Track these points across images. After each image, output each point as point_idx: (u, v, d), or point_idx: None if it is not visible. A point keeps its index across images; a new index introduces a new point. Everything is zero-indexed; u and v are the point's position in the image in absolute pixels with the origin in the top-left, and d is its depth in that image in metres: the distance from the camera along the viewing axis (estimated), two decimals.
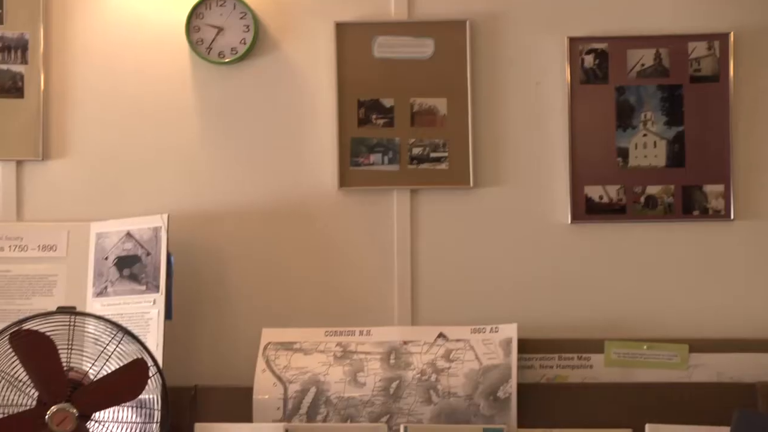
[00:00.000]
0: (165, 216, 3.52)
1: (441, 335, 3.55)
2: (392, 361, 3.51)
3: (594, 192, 3.70)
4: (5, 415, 2.73)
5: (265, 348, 3.56)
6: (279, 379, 3.50)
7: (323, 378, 3.50)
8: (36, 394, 2.75)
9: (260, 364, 3.54)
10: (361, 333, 3.58)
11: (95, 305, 3.49)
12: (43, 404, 2.73)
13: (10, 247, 3.60)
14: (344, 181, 3.72)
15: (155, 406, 2.89)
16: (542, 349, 3.59)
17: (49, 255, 3.60)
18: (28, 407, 2.75)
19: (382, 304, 3.72)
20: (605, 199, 3.70)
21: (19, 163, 3.71)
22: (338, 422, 3.44)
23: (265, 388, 3.50)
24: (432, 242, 3.74)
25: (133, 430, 2.87)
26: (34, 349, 2.71)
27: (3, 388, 2.76)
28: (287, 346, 3.56)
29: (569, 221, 3.71)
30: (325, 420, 3.45)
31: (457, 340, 3.53)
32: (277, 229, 3.73)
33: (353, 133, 3.73)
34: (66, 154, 3.73)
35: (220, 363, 3.67)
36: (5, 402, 2.76)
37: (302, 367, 3.52)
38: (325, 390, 3.48)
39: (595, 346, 3.58)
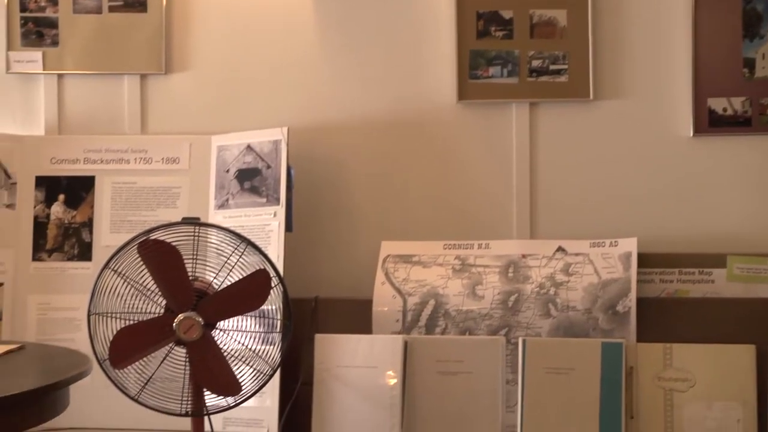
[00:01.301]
0: (285, 129, 3.55)
1: (560, 249, 3.53)
2: (511, 275, 3.51)
3: (718, 104, 3.63)
4: (135, 322, 2.80)
5: (384, 260, 3.59)
6: (398, 291, 3.53)
7: (442, 291, 3.51)
8: (164, 302, 2.81)
9: (379, 276, 3.57)
10: (479, 246, 3.58)
11: (217, 217, 3.54)
12: (170, 312, 2.79)
13: (135, 159, 3.67)
14: (463, 94, 3.70)
15: (277, 316, 2.92)
16: (662, 263, 3.55)
17: (172, 167, 3.66)
18: (156, 315, 2.82)
19: (500, 218, 3.71)
20: (729, 111, 3.63)
21: (143, 76, 3.76)
22: (457, 335, 3.46)
23: (384, 301, 3.53)
24: (551, 155, 3.71)
25: (256, 339, 2.92)
26: (162, 258, 2.76)
27: (132, 296, 2.83)
28: (406, 259, 3.58)
29: (691, 134, 3.64)
30: (443, 332, 3.47)
31: (576, 254, 3.51)
32: (395, 141, 3.73)
33: (472, 46, 3.70)
34: (188, 68, 3.77)
35: (340, 275, 3.71)
36: (135, 309, 2.83)
37: (421, 279, 3.54)
38: (443, 303, 3.50)
39: (717, 260, 3.53)
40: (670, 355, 3.30)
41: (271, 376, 2.88)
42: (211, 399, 2.87)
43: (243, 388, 2.83)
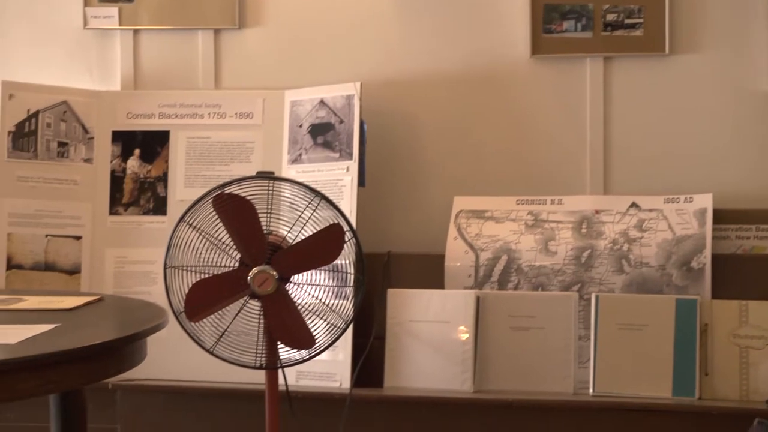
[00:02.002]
0: (358, 84, 3.54)
1: (633, 205, 3.51)
2: (584, 230, 3.49)
3: None
4: (210, 275, 2.83)
5: (456, 216, 3.59)
6: (470, 246, 3.53)
7: (514, 246, 3.50)
8: (238, 256, 2.83)
9: (452, 231, 3.57)
10: (552, 202, 3.56)
11: (290, 172, 3.56)
12: (245, 266, 2.81)
13: (209, 114, 3.69)
14: (536, 48, 3.67)
15: (349, 271, 2.93)
16: (738, 219, 3.51)
17: (246, 122, 3.68)
18: (231, 268, 2.84)
19: (574, 173, 3.69)
20: None
21: (217, 31, 3.78)
22: (529, 290, 3.46)
23: (456, 256, 3.53)
24: (625, 110, 3.67)
25: (329, 293, 2.93)
26: (236, 212, 2.78)
27: (207, 249, 2.85)
28: (479, 215, 3.57)
29: None
30: (516, 288, 3.46)
31: (650, 210, 3.48)
32: (468, 96, 3.72)
33: (546, 0, 3.66)
34: (262, 23, 3.78)
35: (412, 230, 3.72)
36: (210, 263, 2.85)
37: (493, 235, 3.53)
38: (516, 258, 3.49)
39: None
40: (746, 312, 3.27)
41: (345, 329, 2.89)
42: (284, 352, 2.89)
43: (317, 341, 2.84)
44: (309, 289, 2.90)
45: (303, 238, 2.84)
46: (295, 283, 2.87)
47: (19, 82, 3.65)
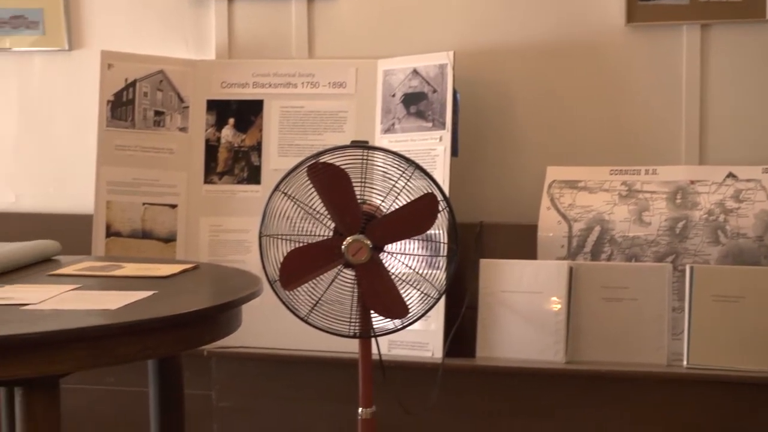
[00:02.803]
0: (451, 53, 3.53)
1: (730, 175, 3.45)
2: (678, 201, 3.45)
3: None
4: (305, 244, 2.84)
5: (549, 186, 3.56)
6: (563, 217, 3.50)
7: (608, 217, 3.47)
8: (332, 225, 2.84)
9: (545, 201, 3.55)
10: (647, 172, 3.52)
11: (383, 141, 3.56)
12: (339, 235, 2.82)
13: (302, 83, 3.71)
14: (631, 16, 3.62)
15: (442, 240, 2.93)
16: None
17: (339, 92, 3.69)
18: (324, 237, 2.85)
19: (668, 143, 3.64)
20: None
21: (310, 0, 3.78)
22: (622, 261, 3.43)
23: (549, 226, 3.51)
24: (722, 79, 3.61)
25: (421, 262, 2.93)
26: (331, 181, 2.79)
27: (302, 218, 2.86)
28: (572, 185, 3.55)
29: None
30: (609, 258, 3.44)
31: (748, 180, 3.43)
32: (562, 65, 3.68)
33: None
34: None
35: (505, 200, 3.70)
36: (304, 231, 2.87)
37: (587, 205, 3.51)
38: (609, 229, 3.46)
39: None
40: None
41: (438, 299, 2.89)
42: (378, 321, 2.90)
43: (410, 311, 2.85)
44: (402, 258, 2.91)
45: (397, 207, 2.84)
46: (388, 253, 2.88)
47: (118, 52, 3.70)
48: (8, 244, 2.95)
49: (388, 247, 2.88)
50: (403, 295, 2.85)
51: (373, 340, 2.91)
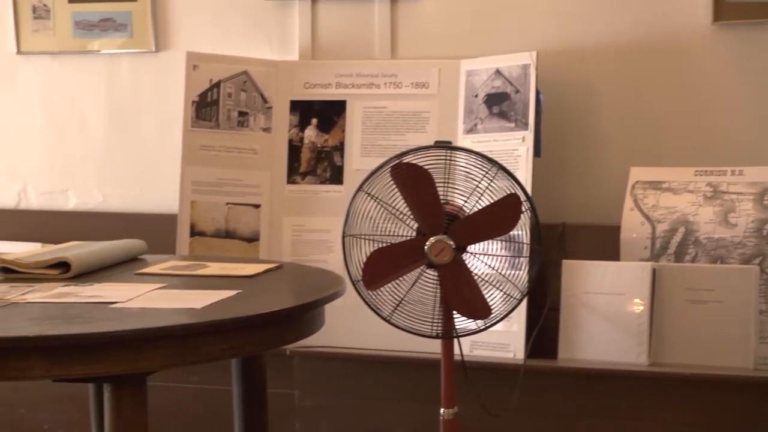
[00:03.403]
0: (534, 53, 3.52)
1: None
2: (766, 202, 3.40)
3: None
4: (388, 244, 2.85)
5: (633, 186, 3.53)
6: (647, 218, 3.47)
7: (692, 218, 3.44)
8: (415, 225, 2.84)
9: (628, 202, 3.52)
10: (733, 173, 3.47)
11: (465, 142, 3.56)
12: (422, 235, 2.82)
13: (385, 84, 3.71)
14: (718, 15, 3.58)
15: (525, 241, 2.92)
16: None
17: (422, 92, 3.69)
18: (407, 237, 2.85)
19: (755, 144, 3.59)
20: None
21: (393, 1, 3.79)
22: (707, 263, 3.39)
23: (632, 227, 3.48)
24: None
25: (504, 263, 2.93)
26: (414, 181, 2.79)
27: (384, 218, 2.87)
28: (656, 185, 3.51)
29: None
30: (693, 260, 3.40)
31: None
32: (647, 65, 3.65)
33: None
34: None
35: (587, 200, 3.68)
36: (386, 232, 2.87)
37: (671, 206, 3.47)
38: (694, 230, 3.42)
39: None
40: None
41: (521, 300, 2.88)
42: (460, 322, 2.90)
43: (493, 311, 2.84)
44: (485, 258, 2.90)
45: (480, 208, 2.84)
46: (471, 253, 2.87)
47: (203, 53, 3.73)
48: (96, 243, 3.00)
49: (471, 248, 2.87)
50: (486, 296, 2.85)
51: (455, 340, 2.91)
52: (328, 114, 3.73)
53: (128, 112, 4.04)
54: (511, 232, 2.87)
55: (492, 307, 2.85)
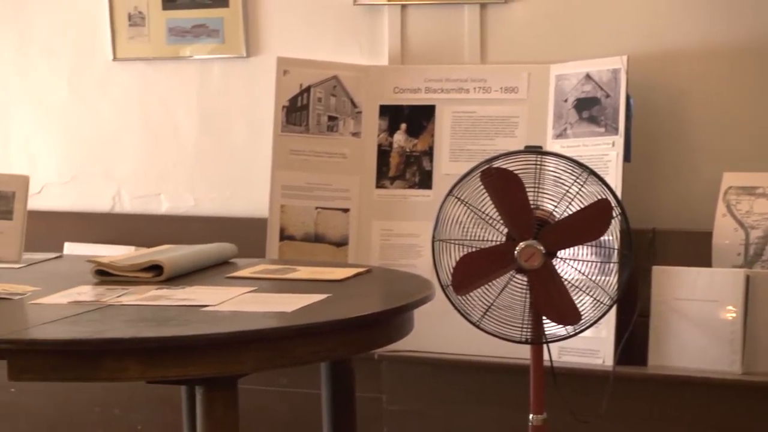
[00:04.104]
0: (624, 57, 3.49)
1: None
2: None
3: None
4: (477, 249, 2.85)
5: (725, 192, 3.49)
6: (740, 224, 3.42)
7: None
8: (504, 230, 2.84)
9: (720, 208, 3.47)
10: None
11: (555, 147, 3.54)
12: (511, 240, 2.82)
13: (474, 88, 3.71)
14: None
15: (614, 246, 2.91)
16: None
17: (511, 97, 3.68)
18: (496, 242, 2.85)
19: None
20: None
21: (482, 6, 3.78)
22: None
23: (725, 233, 3.44)
24: None
25: (593, 268, 2.91)
26: (504, 186, 2.79)
27: (474, 223, 2.87)
28: (750, 191, 3.46)
29: None
30: None
31: None
32: (740, 68, 3.59)
33: None
34: None
35: (678, 206, 3.64)
36: (475, 237, 2.88)
37: (765, 212, 3.42)
38: None
39: None
40: None
41: (611, 306, 2.87)
42: (549, 327, 2.89)
43: (583, 317, 2.83)
44: (574, 264, 2.89)
45: (570, 213, 2.83)
46: (561, 258, 2.86)
47: (293, 58, 3.76)
48: (188, 247, 3.04)
49: (560, 253, 2.86)
50: (576, 302, 2.83)
51: (544, 346, 2.90)
52: (417, 119, 3.74)
53: (219, 117, 4.09)
54: (601, 238, 2.85)
55: (582, 313, 2.83)
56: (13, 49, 4.25)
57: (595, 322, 2.87)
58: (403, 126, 3.75)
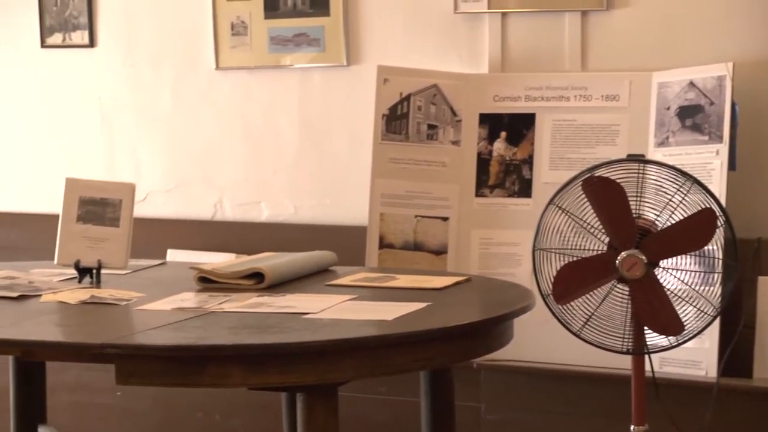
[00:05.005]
0: (729, 64, 3.43)
1: None
2: None
3: None
4: (578, 258, 2.83)
5: None
6: None
7: None
8: (606, 239, 2.82)
9: None
10: None
11: (656, 155, 3.49)
12: (613, 249, 2.79)
13: (575, 96, 3.68)
14: None
15: (718, 256, 2.87)
16: None
17: (612, 105, 3.64)
18: (597, 252, 2.83)
19: None
20: None
21: (584, 13, 3.75)
22: None
23: None
24: None
25: (696, 278, 2.88)
26: (606, 195, 2.77)
27: (574, 232, 2.86)
28: None
29: None
30: None
31: None
32: None
33: None
34: (631, 3, 3.71)
35: None
36: (575, 246, 2.86)
37: None
38: None
39: None
40: None
41: (716, 317, 2.83)
42: (651, 337, 2.86)
43: (686, 327, 2.79)
44: (677, 273, 2.86)
45: (672, 222, 2.80)
46: (663, 268, 2.83)
47: (393, 67, 3.77)
48: (289, 255, 3.07)
49: (663, 263, 2.83)
50: (678, 312, 2.80)
51: (646, 356, 2.87)
52: (517, 127, 3.72)
53: (319, 125, 4.11)
54: (705, 247, 2.82)
55: (685, 323, 2.80)
56: (120, 60, 4.33)
57: (699, 333, 2.83)
58: (503, 134, 3.73)
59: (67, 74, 4.42)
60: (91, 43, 4.36)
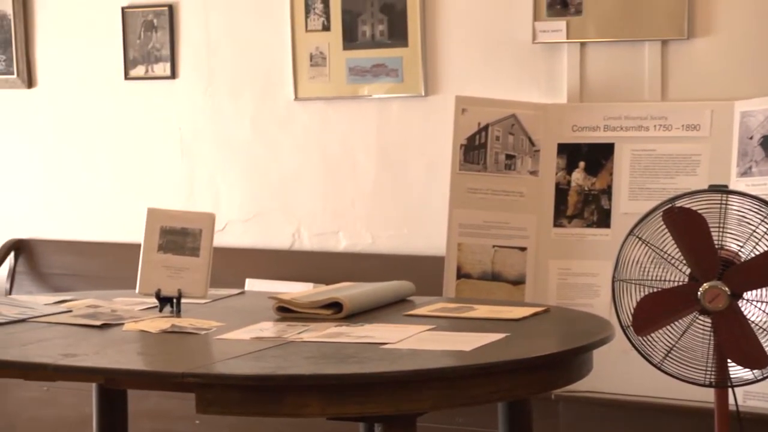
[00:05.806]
0: None
1: None
2: None
3: None
4: (659, 290, 2.81)
5: None
6: None
7: None
8: (687, 270, 2.79)
9: None
10: None
11: (739, 185, 3.45)
12: (694, 281, 2.76)
13: (655, 126, 3.65)
14: None
15: None
16: None
17: (692, 134, 3.61)
18: (677, 283, 2.80)
19: None
20: None
21: (664, 42, 3.72)
22: None
23: None
24: None
25: None
26: (687, 226, 2.74)
27: (655, 263, 2.83)
28: None
29: None
30: None
31: None
32: None
33: None
34: (712, 32, 3.68)
35: None
36: (655, 277, 2.83)
37: None
38: None
39: None
40: None
41: None
42: (735, 370, 2.81)
43: None
44: (761, 306, 2.82)
45: (756, 253, 2.76)
46: (747, 300, 2.79)
47: (471, 97, 3.77)
48: (367, 284, 3.07)
49: (746, 294, 2.80)
50: (763, 344, 2.76)
51: (729, 390, 2.82)
52: (595, 157, 3.70)
53: (397, 155, 4.12)
54: None
55: None
56: (200, 91, 4.39)
57: None
58: (582, 164, 3.71)
59: (149, 105, 4.49)
60: (173, 75, 4.42)
